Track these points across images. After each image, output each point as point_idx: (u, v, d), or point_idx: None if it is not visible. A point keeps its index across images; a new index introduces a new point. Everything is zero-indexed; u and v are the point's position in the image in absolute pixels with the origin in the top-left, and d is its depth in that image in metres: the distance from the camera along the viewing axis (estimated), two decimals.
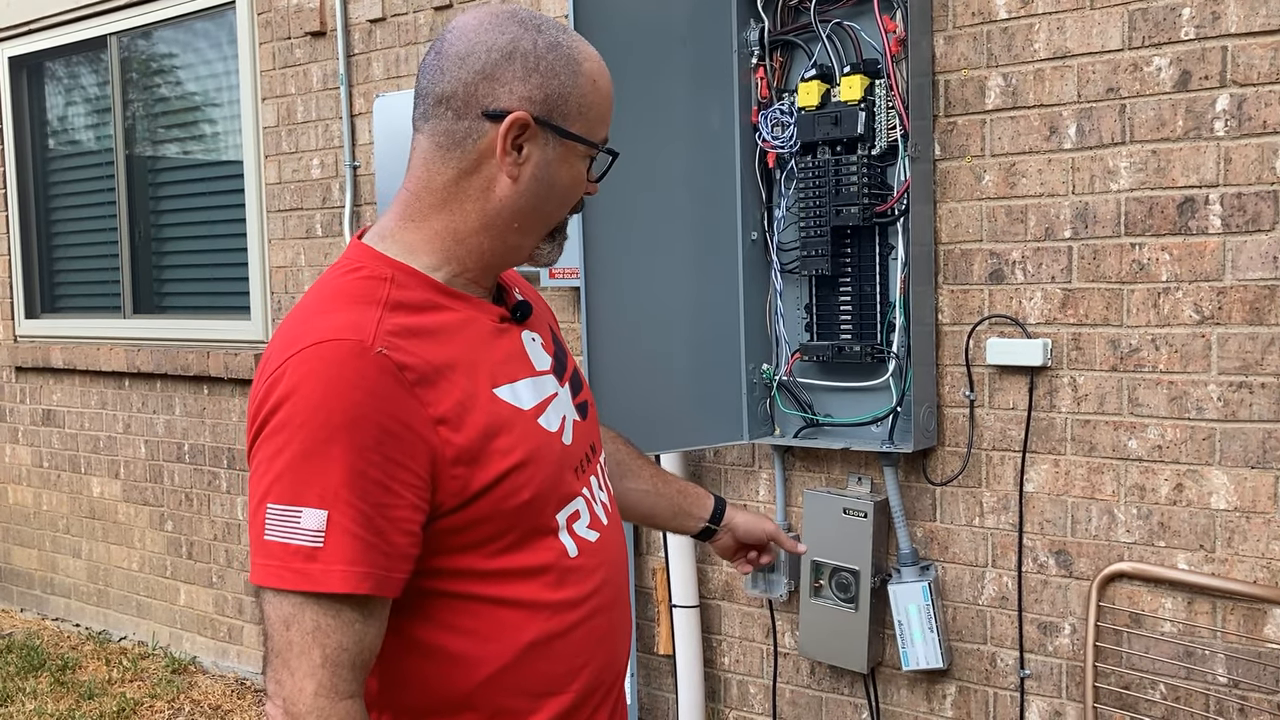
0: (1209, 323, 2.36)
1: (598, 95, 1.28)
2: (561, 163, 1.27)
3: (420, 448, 1.15)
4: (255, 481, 1.14)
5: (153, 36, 4.66)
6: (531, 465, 1.23)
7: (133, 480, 4.80)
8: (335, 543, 1.10)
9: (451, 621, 1.21)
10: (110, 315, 4.91)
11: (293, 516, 1.11)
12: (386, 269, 1.24)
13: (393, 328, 1.18)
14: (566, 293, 3.28)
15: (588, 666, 1.30)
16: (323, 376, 1.12)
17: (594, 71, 1.28)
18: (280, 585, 1.11)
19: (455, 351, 1.22)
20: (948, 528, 2.73)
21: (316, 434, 1.11)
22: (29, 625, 5.14)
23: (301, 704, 1.10)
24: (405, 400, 1.15)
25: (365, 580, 1.11)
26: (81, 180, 5.05)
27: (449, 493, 1.17)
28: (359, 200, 3.86)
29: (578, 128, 1.27)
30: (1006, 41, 2.55)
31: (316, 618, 1.10)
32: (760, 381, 2.90)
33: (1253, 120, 2.28)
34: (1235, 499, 2.35)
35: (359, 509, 1.11)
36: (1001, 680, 2.69)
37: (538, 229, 1.30)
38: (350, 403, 1.12)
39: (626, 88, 2.61)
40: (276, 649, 1.12)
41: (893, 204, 2.65)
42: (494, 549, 1.22)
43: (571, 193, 1.31)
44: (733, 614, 3.15)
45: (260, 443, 1.14)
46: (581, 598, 1.29)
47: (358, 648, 1.13)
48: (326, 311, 1.19)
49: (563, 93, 1.24)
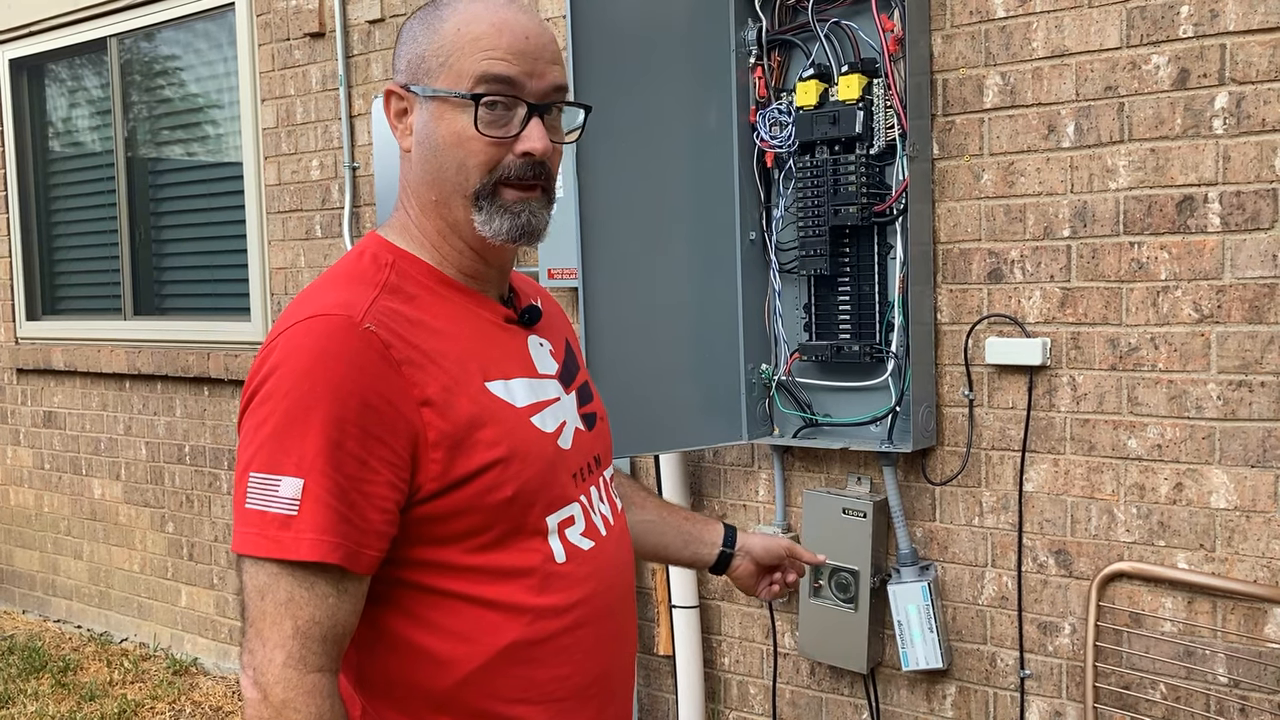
0: (1208, 321, 2.35)
1: (462, 41, 1.22)
2: (436, 121, 1.23)
3: (402, 426, 1.15)
4: (241, 450, 1.16)
5: (153, 38, 4.66)
6: (517, 462, 1.22)
7: (134, 482, 4.80)
8: (308, 511, 1.11)
9: (427, 617, 1.21)
10: (111, 317, 4.91)
11: (272, 484, 1.12)
12: (389, 254, 1.27)
13: (385, 308, 1.19)
14: (565, 293, 3.28)
15: (571, 678, 1.28)
16: (309, 349, 1.14)
17: (462, 21, 1.22)
18: (256, 552, 1.12)
19: (448, 340, 1.23)
20: (947, 527, 2.72)
21: (298, 404, 1.12)
22: (30, 627, 5.15)
23: (270, 673, 1.10)
24: (390, 377, 1.15)
25: (335, 550, 1.11)
26: (82, 182, 5.05)
27: (428, 476, 1.17)
28: (358, 201, 3.86)
29: (441, 81, 1.22)
30: (1004, 40, 2.54)
31: (290, 589, 1.11)
32: (759, 381, 2.89)
33: (1251, 118, 2.27)
34: (1235, 498, 2.35)
35: (334, 480, 1.12)
36: (1001, 680, 2.68)
37: (453, 198, 1.25)
38: (333, 375, 1.13)
39: (624, 88, 2.63)
40: (251, 618, 1.12)
41: (891, 203, 2.65)
42: (473, 544, 1.21)
43: (461, 151, 1.23)
44: (732, 614, 3.14)
45: (248, 413, 1.16)
46: (566, 606, 1.26)
47: (330, 621, 1.13)
48: (324, 291, 1.22)
49: (420, 53, 1.25)
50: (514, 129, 1.23)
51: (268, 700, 1.10)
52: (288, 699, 1.10)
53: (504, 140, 1.23)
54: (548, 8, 3.30)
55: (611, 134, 2.59)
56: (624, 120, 2.61)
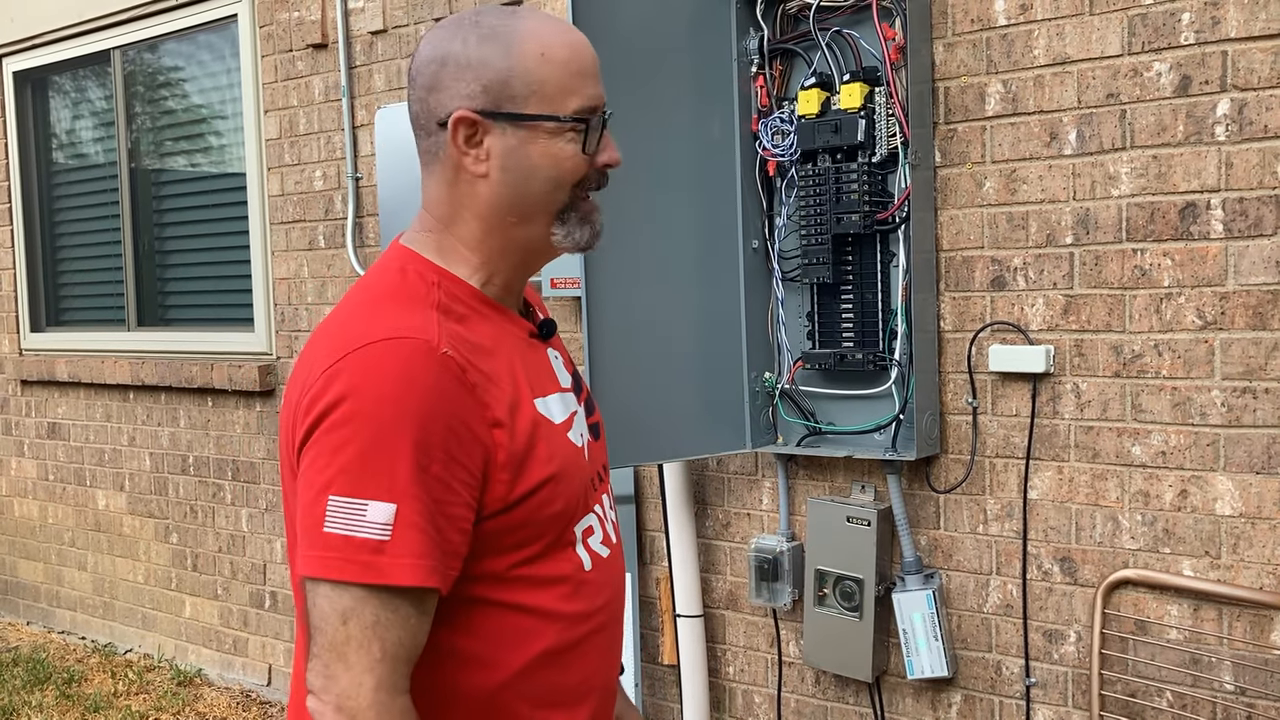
0: (1212, 328, 2.35)
1: (549, 67, 1.23)
2: (529, 145, 1.24)
3: (477, 448, 1.16)
4: (314, 475, 1.13)
5: (156, 50, 4.67)
6: (564, 477, 1.25)
7: (138, 493, 4.80)
8: (402, 536, 1.11)
9: (470, 625, 1.22)
10: (114, 328, 4.92)
11: (358, 509, 1.11)
12: (433, 274, 1.26)
13: (452, 332, 1.20)
14: (568, 302, 3.28)
15: (593, 680, 1.32)
16: (391, 373, 1.14)
17: (540, 46, 1.23)
18: (342, 577, 1.10)
19: (499, 359, 1.24)
20: (952, 535, 2.72)
21: (385, 428, 1.11)
22: (35, 638, 5.15)
23: (361, 699, 1.09)
24: (467, 401, 1.16)
25: (433, 574, 1.12)
26: (85, 193, 5.06)
27: (495, 496, 1.19)
28: (361, 212, 3.87)
29: (533, 106, 1.22)
30: (1006, 48, 2.55)
31: (377, 612, 1.10)
32: (763, 390, 2.89)
33: (1254, 125, 2.27)
34: (1240, 505, 2.34)
35: (424, 504, 1.12)
36: (1007, 689, 2.67)
37: (538, 217, 1.27)
38: (419, 400, 1.13)
39: (626, 97, 2.62)
40: (331, 643, 1.11)
41: (894, 211, 2.65)
42: (522, 556, 1.23)
43: (557, 171, 1.25)
44: (737, 623, 3.14)
45: (319, 435, 1.14)
46: (592, 611, 1.30)
47: (413, 643, 1.13)
48: (381, 309, 1.21)
49: (501, 78, 1.22)
50: (592, 146, 1.27)
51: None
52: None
53: (594, 156, 1.27)
54: None
55: (615, 142, 2.58)
56: (626, 130, 2.59)
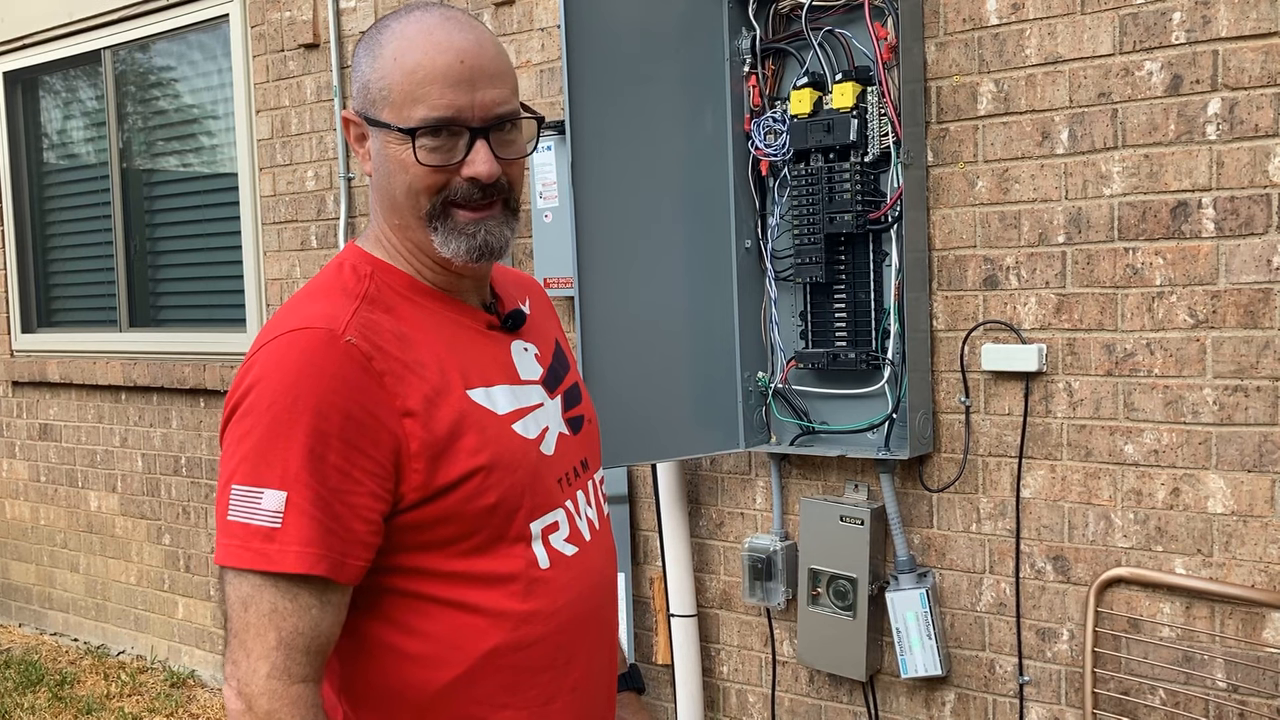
0: (1203, 326, 2.36)
1: (398, 74, 1.21)
2: (385, 150, 1.24)
3: (384, 436, 1.16)
4: (223, 464, 1.17)
5: (147, 50, 4.66)
6: (500, 469, 1.23)
7: (130, 494, 4.79)
8: (292, 523, 1.12)
9: (410, 623, 1.22)
10: (106, 329, 4.91)
11: (254, 497, 1.13)
12: (368, 265, 1.28)
13: (366, 320, 1.20)
14: (561, 302, 3.28)
15: (553, 683, 1.29)
16: (291, 363, 1.15)
17: (396, 51, 1.21)
18: (239, 565, 1.13)
19: (428, 349, 1.23)
20: (945, 534, 2.72)
21: (280, 417, 1.13)
22: (27, 640, 5.13)
23: (255, 685, 1.11)
24: (372, 389, 1.16)
25: (320, 562, 1.12)
26: (77, 194, 5.05)
27: (411, 485, 1.18)
28: (353, 212, 3.87)
29: (385, 114, 1.22)
30: (998, 47, 2.55)
31: (274, 600, 1.12)
32: (756, 389, 2.89)
33: (1244, 124, 2.28)
34: (1232, 503, 2.35)
35: (317, 492, 1.13)
36: (1000, 687, 2.68)
37: (408, 219, 1.26)
38: (316, 388, 1.14)
39: (618, 97, 2.63)
40: (235, 630, 1.13)
41: (886, 211, 2.65)
42: (456, 551, 1.22)
43: (408, 178, 1.23)
44: (731, 623, 3.14)
45: (230, 426, 1.17)
46: (550, 611, 1.27)
47: (313, 632, 1.14)
48: (305, 303, 1.23)
49: (365, 82, 1.26)
50: (458, 155, 1.22)
51: (252, 711, 1.11)
52: (272, 710, 1.11)
53: (448, 166, 1.23)
54: (542, 19, 3.31)
55: (606, 143, 2.59)
56: (618, 130, 2.62)
